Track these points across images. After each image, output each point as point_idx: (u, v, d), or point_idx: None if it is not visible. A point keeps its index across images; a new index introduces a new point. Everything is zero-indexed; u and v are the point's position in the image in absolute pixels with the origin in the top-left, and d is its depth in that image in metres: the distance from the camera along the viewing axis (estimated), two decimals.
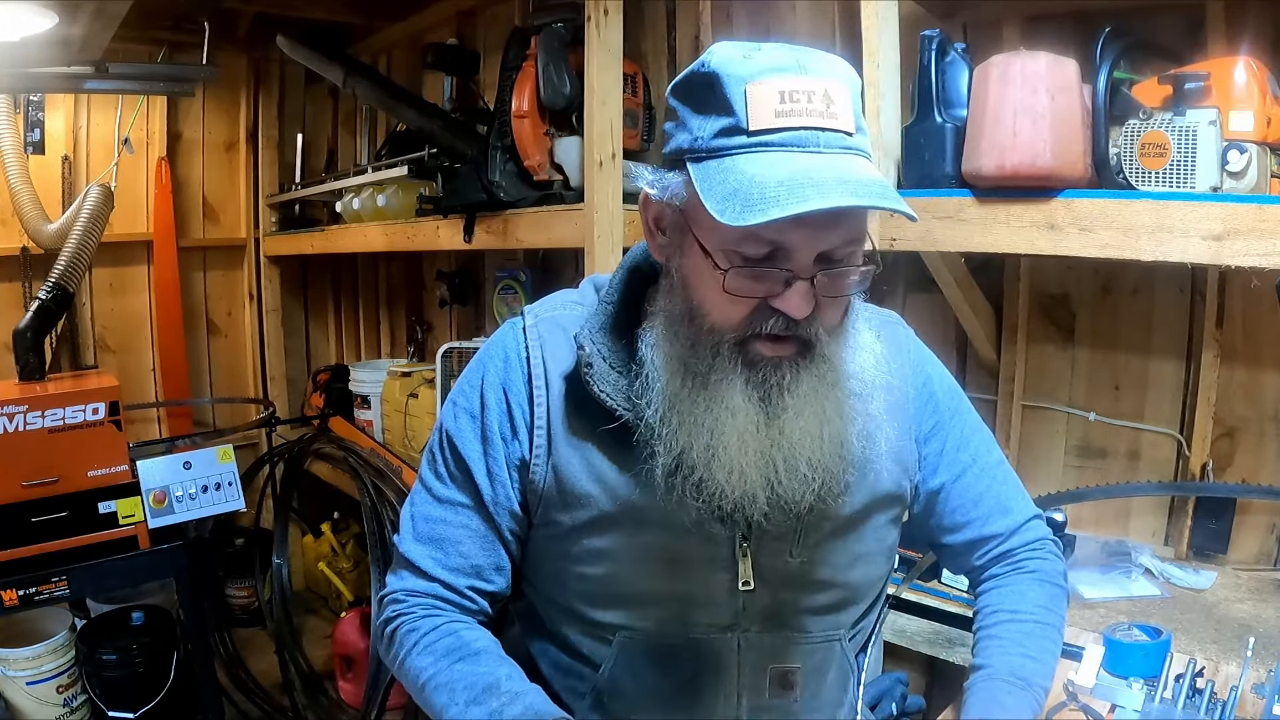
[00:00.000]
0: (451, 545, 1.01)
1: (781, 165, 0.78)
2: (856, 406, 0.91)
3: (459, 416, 1.03)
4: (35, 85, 3.01)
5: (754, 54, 0.82)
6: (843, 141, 0.81)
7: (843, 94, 0.82)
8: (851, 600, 1.04)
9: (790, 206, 0.74)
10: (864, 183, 0.78)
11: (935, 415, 1.08)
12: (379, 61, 3.56)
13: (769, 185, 0.76)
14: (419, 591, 1.02)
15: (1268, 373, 1.66)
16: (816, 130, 0.80)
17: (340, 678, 3.01)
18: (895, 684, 1.11)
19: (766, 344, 0.86)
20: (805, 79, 0.81)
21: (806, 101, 0.80)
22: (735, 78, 0.81)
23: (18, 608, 2.07)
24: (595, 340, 0.96)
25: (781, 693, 1.00)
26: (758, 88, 0.80)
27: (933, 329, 1.99)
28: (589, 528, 0.97)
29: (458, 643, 0.97)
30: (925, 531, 1.13)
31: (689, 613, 0.98)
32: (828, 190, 0.76)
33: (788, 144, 0.80)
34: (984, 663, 0.99)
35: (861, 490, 0.98)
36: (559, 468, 0.97)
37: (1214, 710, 1.12)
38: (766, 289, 0.84)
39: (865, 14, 1.58)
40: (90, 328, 3.60)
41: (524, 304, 2.81)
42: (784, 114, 0.80)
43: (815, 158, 0.80)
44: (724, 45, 0.84)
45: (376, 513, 2.72)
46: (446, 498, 1.02)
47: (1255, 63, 1.25)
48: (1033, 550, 1.10)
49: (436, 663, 0.96)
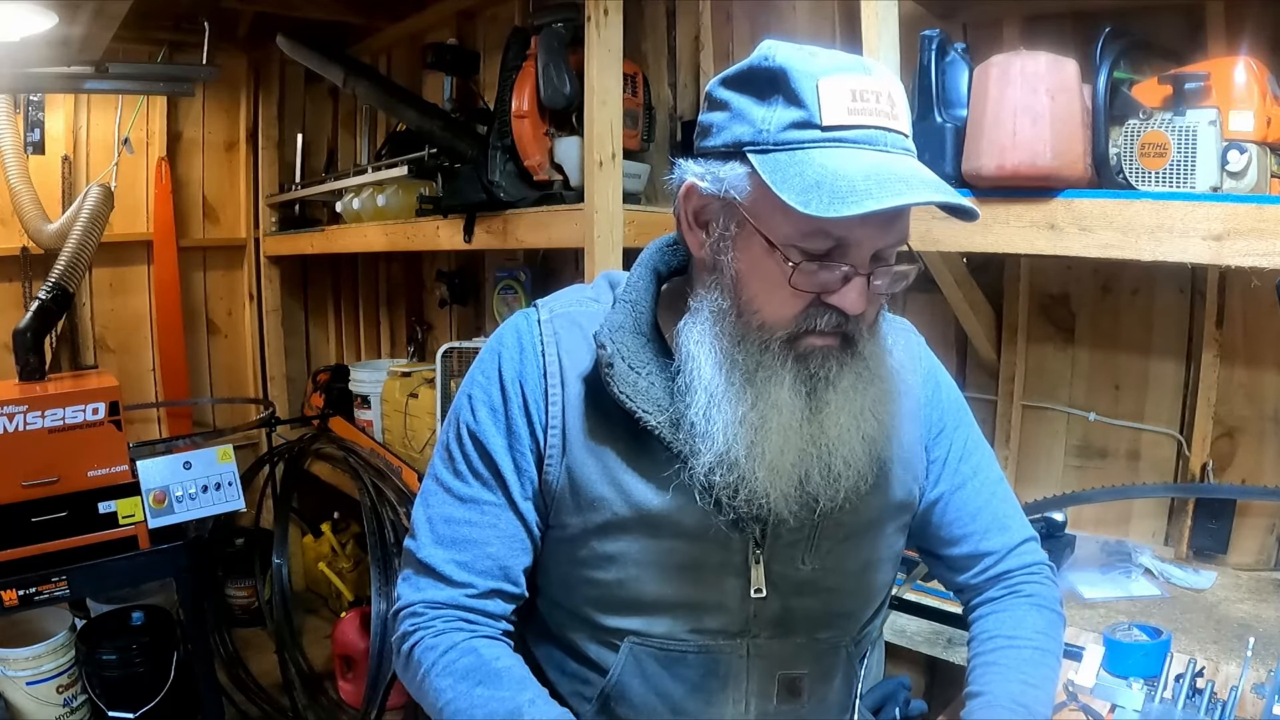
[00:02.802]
0: (478, 546, 0.97)
1: (859, 160, 0.79)
2: (889, 408, 0.92)
3: (478, 409, 0.99)
4: (35, 85, 3.01)
5: (818, 52, 0.84)
6: (903, 143, 0.83)
7: (902, 98, 0.85)
8: (860, 606, 1.04)
9: (885, 199, 0.76)
10: (935, 183, 0.81)
11: (941, 424, 1.07)
12: (379, 61, 3.55)
13: (856, 178, 0.77)
14: (439, 603, 0.97)
15: (1268, 373, 1.66)
16: (884, 130, 0.82)
17: (340, 678, 3.01)
18: (898, 688, 1.10)
19: (815, 338, 0.87)
20: (872, 79, 0.82)
21: (875, 101, 0.82)
22: (805, 73, 0.81)
23: (18, 608, 2.07)
24: (616, 340, 0.93)
25: (789, 699, 1.00)
26: (830, 84, 0.81)
27: (933, 329, 1.98)
28: (601, 532, 0.96)
29: (477, 662, 0.93)
30: (921, 540, 1.12)
31: (699, 619, 0.97)
32: (915, 186, 0.78)
33: (860, 141, 0.81)
34: (982, 689, 0.97)
35: (875, 497, 0.97)
36: (573, 469, 0.95)
37: (1214, 710, 1.12)
38: (824, 285, 0.85)
39: (865, 14, 1.58)
40: (90, 328, 3.61)
41: (524, 304, 2.82)
42: (856, 111, 0.81)
43: (885, 156, 0.81)
44: (780, 43, 0.85)
45: (376, 513, 2.72)
46: (470, 496, 0.98)
47: (1255, 63, 1.25)
48: (1030, 574, 1.08)
49: (456, 685, 0.92)
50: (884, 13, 1.58)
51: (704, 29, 2.35)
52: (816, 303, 0.86)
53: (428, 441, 2.95)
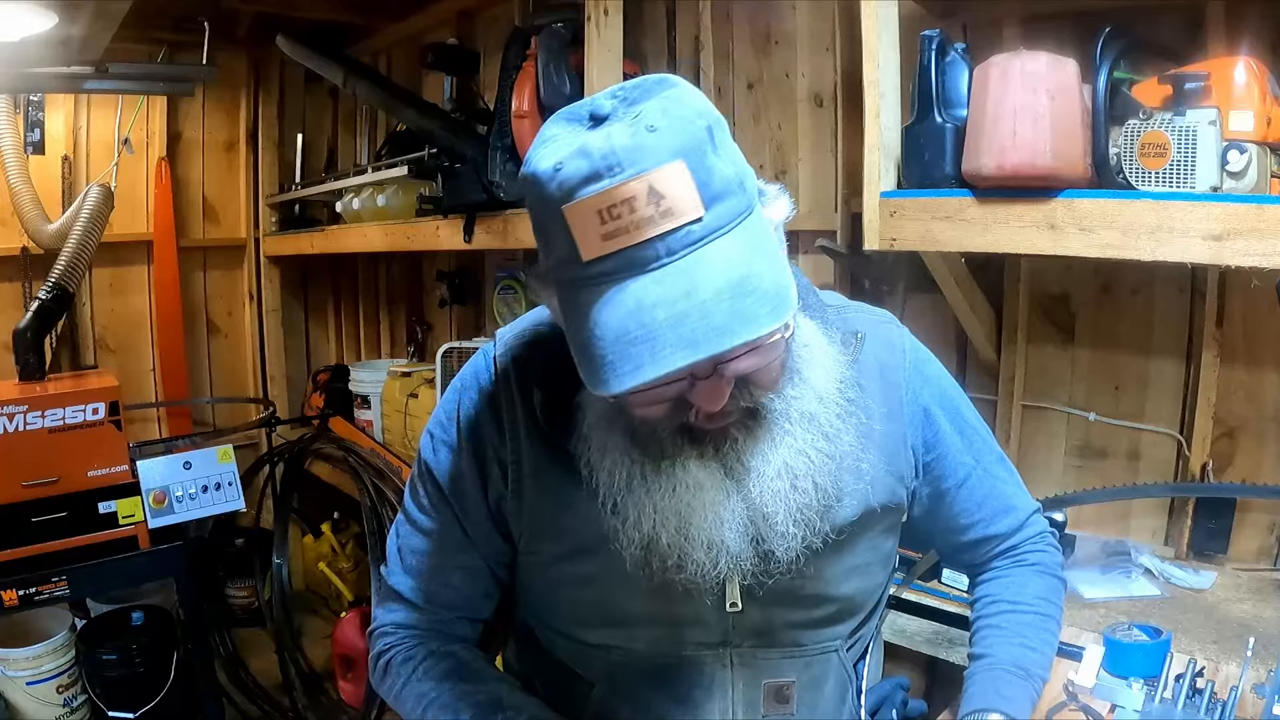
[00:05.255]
0: (439, 577, 1.02)
1: (618, 306, 0.70)
2: (824, 447, 0.86)
3: (438, 449, 1.01)
4: (35, 85, 3.01)
5: (564, 160, 0.71)
6: (688, 237, 0.70)
7: (672, 177, 0.70)
8: (848, 612, 1.02)
9: (626, 377, 0.68)
10: (708, 310, 0.68)
11: (936, 420, 1.05)
12: (379, 61, 3.55)
13: (606, 342, 0.69)
14: (408, 624, 1.03)
15: (1268, 373, 1.66)
16: (651, 241, 0.70)
17: (340, 678, 3.01)
18: (896, 689, 1.10)
19: (706, 420, 0.81)
20: (619, 185, 0.69)
21: (629, 213, 0.69)
22: (551, 202, 0.72)
23: (18, 608, 2.07)
24: (552, 382, 0.91)
25: (777, 707, 0.99)
26: (575, 212, 0.71)
27: (933, 329, 1.98)
28: (573, 556, 0.96)
29: (456, 664, 0.99)
30: (928, 534, 1.13)
31: (679, 632, 0.97)
32: (661, 346, 0.68)
33: (622, 269, 0.71)
34: (985, 651, 1.01)
35: (853, 504, 0.95)
36: (536, 501, 0.96)
37: (1214, 710, 1.12)
38: (676, 390, 0.78)
39: (865, 14, 1.58)
40: (90, 328, 3.61)
41: (524, 304, 2.83)
42: (611, 235, 0.70)
43: (653, 281, 0.70)
44: (538, 148, 0.75)
45: (376, 513, 2.72)
46: (429, 529, 1.02)
47: (1255, 63, 1.25)
48: (1033, 544, 1.12)
49: (438, 685, 0.97)
50: (884, 13, 1.58)
51: (704, 29, 2.35)
52: (682, 400, 0.79)
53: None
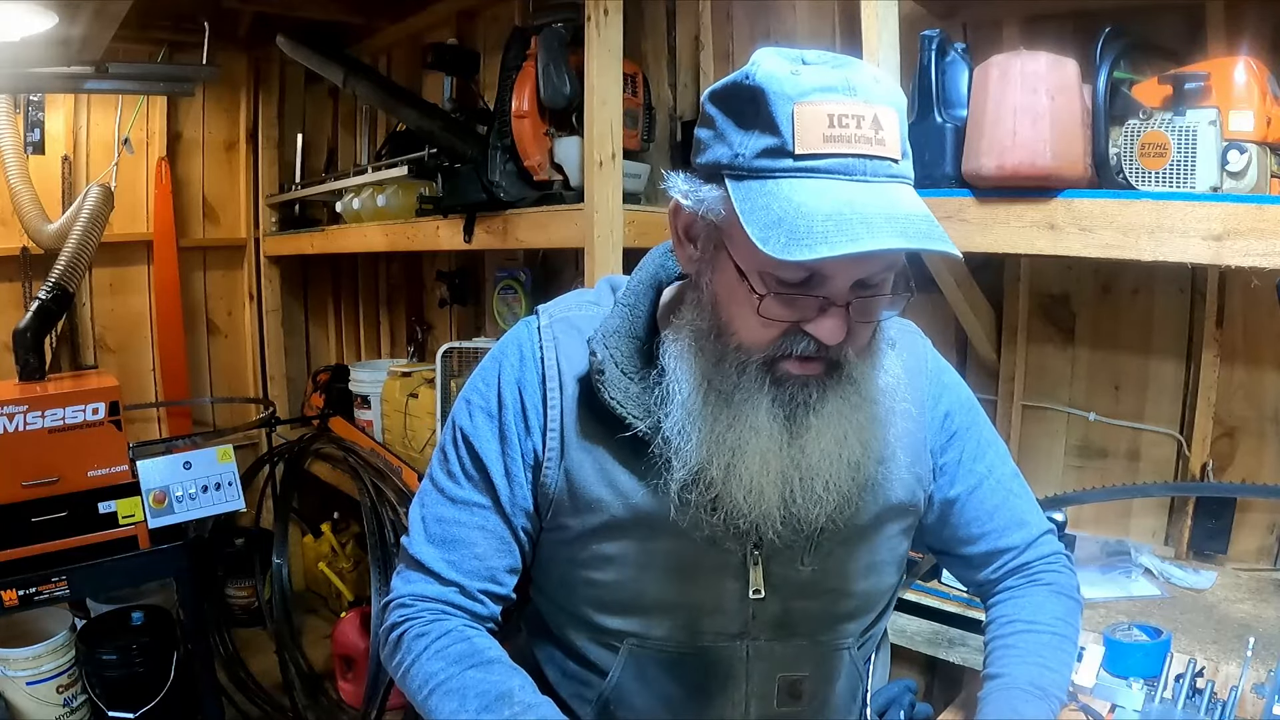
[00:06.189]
0: (466, 547, 0.99)
1: (828, 195, 0.76)
2: (876, 432, 0.90)
3: (475, 414, 1.01)
4: (35, 85, 3.01)
5: (801, 69, 0.79)
6: (889, 170, 0.79)
7: (891, 119, 0.79)
8: (862, 609, 1.03)
9: (840, 245, 0.72)
10: (912, 219, 0.76)
11: (952, 427, 1.06)
12: (379, 61, 3.56)
13: (816, 218, 0.74)
14: (429, 596, 0.99)
15: (1268, 373, 1.66)
16: (864, 158, 0.77)
17: (340, 678, 3.02)
18: (904, 691, 1.10)
19: (795, 363, 0.85)
20: (854, 102, 0.77)
21: (855, 127, 0.77)
22: (782, 95, 0.77)
23: (18, 608, 2.07)
24: (609, 345, 0.94)
25: (790, 701, 1.00)
26: (806, 109, 0.77)
27: (933, 329, 1.96)
28: (599, 533, 0.96)
29: (470, 649, 0.95)
30: (938, 541, 1.12)
31: (698, 621, 0.97)
32: (877, 229, 0.73)
33: (834, 171, 0.77)
34: (1000, 671, 0.98)
35: (875, 501, 0.97)
36: (571, 471, 0.96)
37: (1214, 710, 1.12)
38: (801, 314, 0.83)
39: (865, 14, 1.58)
40: (90, 328, 3.61)
41: (524, 304, 2.83)
42: (832, 139, 0.77)
43: (862, 187, 0.77)
44: (770, 56, 0.81)
45: (376, 513, 2.72)
46: (461, 498, 1.00)
47: (1255, 63, 1.25)
48: (1048, 563, 1.09)
49: (448, 668, 0.93)
50: (884, 13, 1.58)
51: (704, 29, 2.35)
52: (794, 329, 0.84)
53: (428, 441, 2.95)
